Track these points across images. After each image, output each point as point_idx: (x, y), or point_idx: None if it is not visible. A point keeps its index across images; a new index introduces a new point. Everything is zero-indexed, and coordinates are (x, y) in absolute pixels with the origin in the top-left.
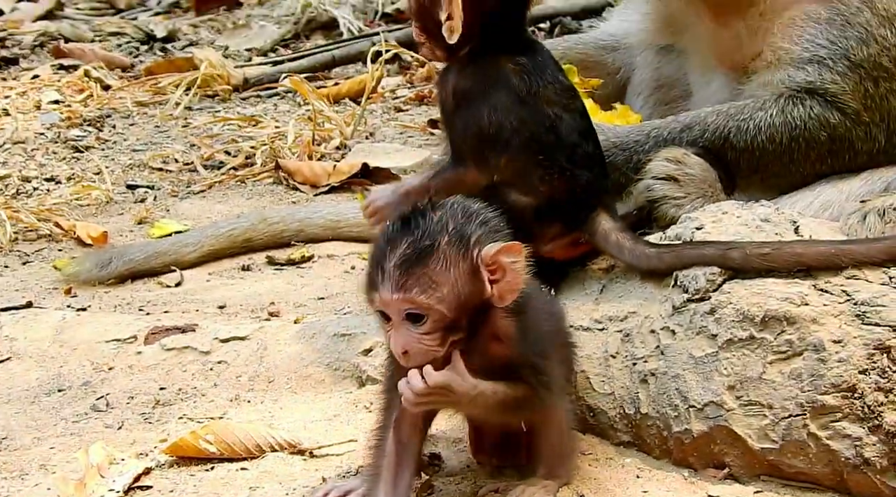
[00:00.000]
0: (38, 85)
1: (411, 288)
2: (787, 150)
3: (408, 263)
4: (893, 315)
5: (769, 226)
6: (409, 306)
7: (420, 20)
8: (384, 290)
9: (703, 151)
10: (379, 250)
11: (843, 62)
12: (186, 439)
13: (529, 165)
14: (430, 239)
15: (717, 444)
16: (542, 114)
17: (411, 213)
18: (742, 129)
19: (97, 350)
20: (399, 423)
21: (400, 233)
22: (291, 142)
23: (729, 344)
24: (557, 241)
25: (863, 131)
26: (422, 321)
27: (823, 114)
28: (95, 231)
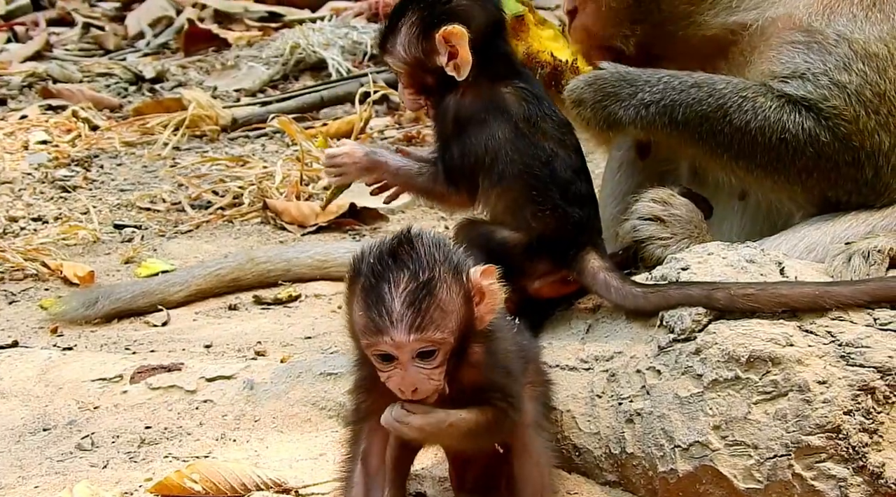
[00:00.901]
0: (25, 125)
1: (427, 327)
2: (775, 149)
3: (418, 302)
4: (878, 356)
5: (754, 267)
6: (426, 345)
7: (412, 78)
8: (397, 332)
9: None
10: (375, 290)
11: (825, 78)
12: (172, 478)
13: (522, 200)
14: (430, 271)
15: (702, 484)
16: (539, 147)
17: (397, 246)
18: (742, 108)
19: (83, 389)
20: (367, 456)
21: (394, 268)
22: (279, 182)
23: (714, 384)
24: (545, 278)
25: (851, 157)
26: (433, 356)
27: (815, 130)
28: (82, 270)
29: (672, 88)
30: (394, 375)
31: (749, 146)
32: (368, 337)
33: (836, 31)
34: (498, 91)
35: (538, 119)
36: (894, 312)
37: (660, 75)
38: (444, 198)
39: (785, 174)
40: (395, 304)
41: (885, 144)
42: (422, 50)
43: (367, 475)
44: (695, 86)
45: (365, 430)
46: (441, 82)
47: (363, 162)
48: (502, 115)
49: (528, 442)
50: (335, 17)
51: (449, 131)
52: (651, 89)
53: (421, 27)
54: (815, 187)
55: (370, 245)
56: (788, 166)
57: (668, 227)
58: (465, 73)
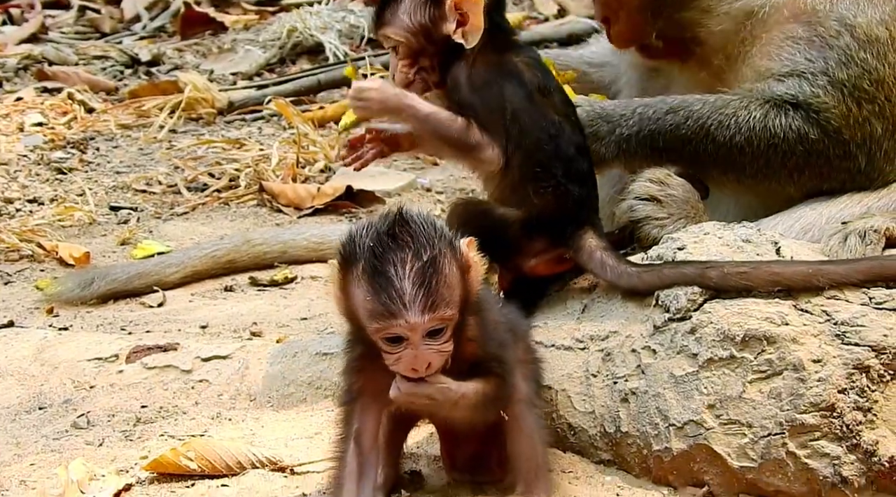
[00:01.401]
0: (21, 107)
1: (438, 305)
2: (763, 155)
3: (428, 281)
4: (873, 335)
5: (750, 246)
6: (438, 323)
7: (411, 49)
8: (411, 314)
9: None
10: (381, 274)
11: (824, 78)
12: (167, 456)
13: (527, 175)
14: (432, 248)
15: (696, 463)
16: (548, 120)
17: (393, 226)
18: (724, 124)
19: (78, 368)
20: (360, 435)
21: (396, 249)
22: (275, 164)
23: (709, 363)
24: (541, 256)
25: (842, 150)
26: (442, 332)
27: (804, 128)
28: (78, 252)
29: (647, 118)
30: (405, 356)
31: (737, 158)
32: (379, 321)
33: (839, 17)
34: (509, 59)
35: (550, 91)
36: (889, 291)
37: (633, 107)
38: (478, 150)
39: (776, 178)
40: (405, 285)
41: (878, 131)
42: (429, 17)
43: (360, 454)
44: (670, 111)
45: (357, 410)
46: (445, 52)
47: (391, 102)
48: (517, 82)
49: (521, 418)
50: (332, 1)
51: (468, 97)
52: (627, 122)
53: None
54: (808, 183)
55: (359, 228)
56: (779, 169)
57: (664, 207)
58: (475, 40)
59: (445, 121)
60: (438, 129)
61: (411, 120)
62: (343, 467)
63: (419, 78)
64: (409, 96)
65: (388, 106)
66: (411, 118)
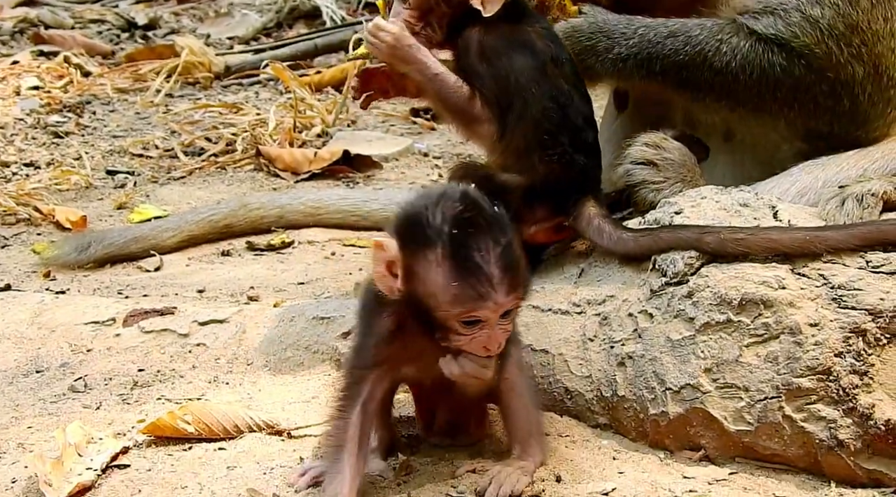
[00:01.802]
0: (17, 71)
1: (519, 286)
2: (756, 85)
3: (510, 263)
4: (870, 299)
5: (748, 210)
6: (517, 303)
7: (428, 4)
8: (499, 296)
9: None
10: (468, 257)
11: (797, 14)
12: (164, 419)
13: (532, 143)
14: (507, 230)
15: (692, 427)
16: (560, 90)
17: (473, 205)
18: (721, 50)
19: (75, 332)
20: (368, 401)
21: (478, 232)
22: (272, 129)
23: (706, 327)
24: (542, 224)
25: (827, 87)
26: (514, 311)
27: (788, 66)
28: (75, 215)
29: (648, 41)
30: (480, 337)
31: (731, 86)
32: (464, 305)
33: None
34: (523, 29)
35: (562, 61)
36: (887, 255)
37: (635, 26)
38: (476, 121)
39: (767, 110)
40: (493, 270)
41: (859, 74)
42: None
43: (364, 420)
44: (671, 35)
45: (371, 378)
46: (458, 15)
47: (402, 52)
48: (531, 53)
49: (515, 381)
50: None
51: (477, 65)
52: (627, 43)
53: None
54: (797, 119)
55: (425, 209)
56: (770, 102)
57: (660, 171)
58: (494, 10)
59: (451, 86)
60: (442, 93)
61: (418, 75)
62: (346, 430)
63: (424, 33)
64: (422, 51)
65: (398, 55)
66: (418, 73)
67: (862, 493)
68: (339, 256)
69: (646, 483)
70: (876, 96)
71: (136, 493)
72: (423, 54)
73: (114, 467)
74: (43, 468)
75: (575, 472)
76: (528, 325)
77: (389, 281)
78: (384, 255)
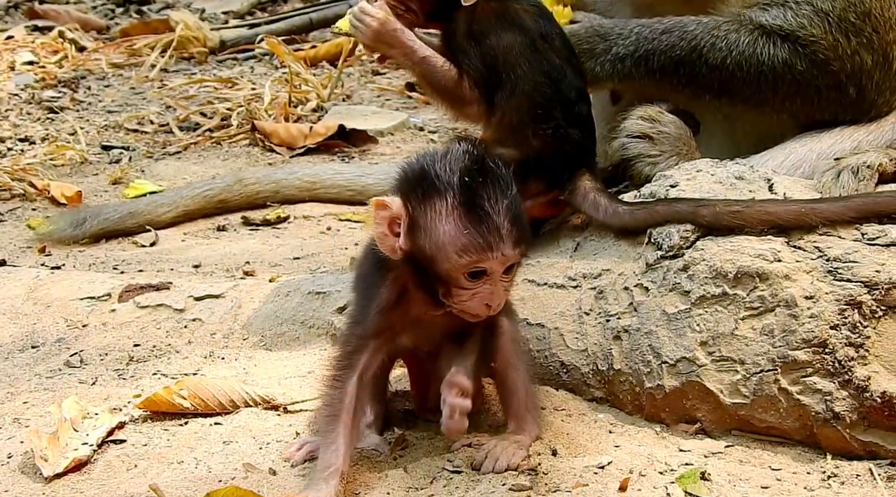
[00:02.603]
0: (12, 46)
1: (524, 239)
2: (755, 81)
3: (517, 216)
4: (865, 271)
5: (743, 183)
6: (520, 257)
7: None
8: (506, 246)
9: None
10: (479, 206)
11: (807, 7)
12: (160, 394)
13: (526, 118)
14: (511, 183)
15: (688, 400)
16: (552, 65)
17: (479, 160)
18: (716, 46)
19: (71, 307)
20: (364, 371)
21: (488, 184)
22: (268, 103)
23: (702, 300)
24: (537, 198)
25: (832, 81)
26: (516, 267)
27: (791, 59)
28: (70, 191)
29: (644, 38)
30: (482, 292)
31: (728, 83)
32: (473, 254)
33: None
34: (510, 7)
35: (552, 36)
36: (882, 227)
37: (631, 26)
38: (464, 103)
39: (769, 104)
40: (502, 220)
41: (868, 63)
42: None
43: (360, 391)
44: (666, 32)
45: (369, 348)
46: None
47: (387, 36)
48: (519, 30)
49: (511, 355)
50: None
51: (465, 45)
52: (624, 41)
53: None
54: (801, 112)
55: (432, 163)
56: (771, 97)
57: (656, 144)
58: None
59: (439, 69)
60: (429, 75)
61: (404, 59)
62: (341, 400)
63: (406, 16)
64: (407, 34)
65: (382, 39)
66: (404, 57)
67: (858, 465)
68: (334, 231)
69: (642, 456)
70: (884, 84)
71: (132, 468)
72: (409, 38)
73: (110, 442)
74: (39, 443)
75: (571, 445)
76: (524, 299)
77: (391, 240)
78: (386, 214)
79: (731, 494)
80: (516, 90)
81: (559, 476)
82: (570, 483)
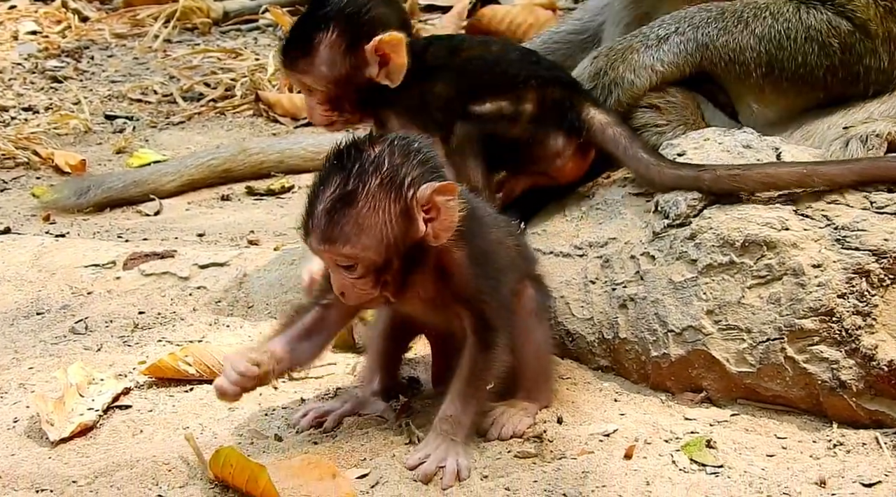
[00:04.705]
0: (15, 16)
1: (336, 239)
2: (802, 51)
3: (333, 212)
4: (873, 239)
5: (751, 152)
6: (339, 258)
7: (331, 94)
8: (313, 240)
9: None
10: (314, 187)
11: None
12: (165, 361)
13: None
14: (360, 181)
15: (694, 368)
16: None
17: (349, 147)
18: (760, 16)
19: (76, 275)
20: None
21: (333, 170)
22: (271, 74)
23: (708, 269)
24: (565, 153)
25: (871, 44)
26: (353, 268)
27: (835, 20)
28: (74, 159)
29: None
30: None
31: (777, 54)
32: (301, 236)
33: None
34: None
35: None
36: (890, 195)
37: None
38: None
39: (812, 77)
40: (315, 210)
41: (894, 30)
42: (349, 65)
43: (320, 319)
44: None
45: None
46: (367, 92)
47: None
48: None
49: (530, 330)
50: None
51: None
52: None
53: (347, 42)
54: (838, 87)
55: (344, 139)
56: (817, 67)
57: (663, 114)
58: (399, 78)
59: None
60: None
61: None
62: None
63: (341, 119)
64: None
65: None
66: None
67: (864, 433)
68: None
69: (647, 424)
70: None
71: (137, 434)
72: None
73: (115, 408)
74: (45, 408)
75: (576, 413)
76: None
77: None
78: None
79: (736, 462)
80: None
81: (564, 443)
82: (575, 450)
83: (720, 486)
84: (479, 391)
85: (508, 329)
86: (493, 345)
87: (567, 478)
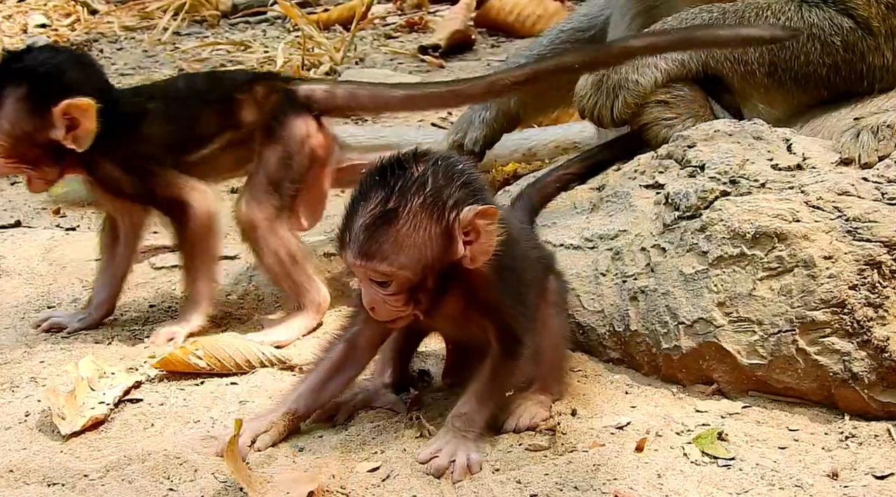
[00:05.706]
0: (24, 8)
1: (374, 256)
2: (804, 50)
3: (374, 228)
4: (884, 231)
5: (761, 143)
6: (375, 275)
7: (17, 153)
8: (349, 253)
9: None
10: (353, 202)
11: None
12: (176, 354)
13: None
14: (403, 199)
15: (705, 361)
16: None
17: (394, 162)
18: (762, 15)
19: (86, 268)
20: (356, 337)
21: (376, 186)
22: (280, 67)
23: (719, 261)
24: (311, 131)
25: (873, 42)
26: (386, 285)
27: (837, 18)
28: None
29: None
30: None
31: (780, 53)
32: (337, 248)
33: None
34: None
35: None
36: None
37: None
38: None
39: (815, 77)
40: (354, 225)
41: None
42: (34, 125)
43: (349, 349)
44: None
45: (362, 316)
46: (52, 153)
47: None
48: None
49: (548, 323)
50: None
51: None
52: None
53: (34, 101)
54: (842, 85)
55: (387, 154)
56: (820, 66)
57: (671, 107)
58: (88, 143)
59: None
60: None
61: None
62: (327, 357)
63: (37, 179)
64: None
65: None
66: None
67: (876, 425)
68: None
69: (658, 417)
70: None
71: (148, 427)
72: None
73: (126, 401)
74: (56, 401)
75: (588, 406)
76: None
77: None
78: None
79: (748, 455)
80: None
81: (576, 436)
82: (587, 443)
83: (732, 478)
84: (496, 395)
85: (532, 339)
86: (517, 355)
87: (578, 471)
